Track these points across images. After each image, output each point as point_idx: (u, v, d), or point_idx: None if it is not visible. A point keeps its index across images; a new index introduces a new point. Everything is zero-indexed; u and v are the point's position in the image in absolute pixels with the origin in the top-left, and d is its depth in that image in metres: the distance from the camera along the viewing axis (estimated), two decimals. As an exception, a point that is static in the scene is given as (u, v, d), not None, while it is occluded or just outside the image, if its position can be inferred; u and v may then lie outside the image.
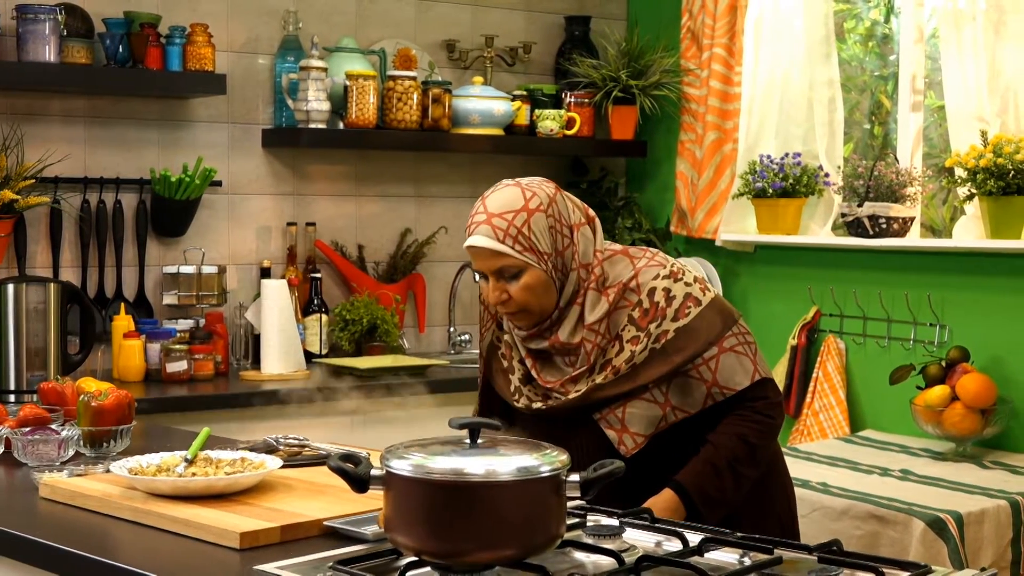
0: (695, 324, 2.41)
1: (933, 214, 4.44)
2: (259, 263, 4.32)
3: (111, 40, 3.92)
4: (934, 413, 3.73)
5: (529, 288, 2.39)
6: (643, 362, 2.39)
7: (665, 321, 2.40)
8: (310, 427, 3.54)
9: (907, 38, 4.33)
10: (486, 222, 2.38)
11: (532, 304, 2.40)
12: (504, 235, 2.36)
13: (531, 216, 2.38)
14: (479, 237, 2.38)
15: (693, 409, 2.39)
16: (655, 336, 2.39)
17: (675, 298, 2.42)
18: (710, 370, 2.39)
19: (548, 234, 2.39)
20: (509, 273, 2.38)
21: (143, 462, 2.28)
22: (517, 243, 2.36)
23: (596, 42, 4.89)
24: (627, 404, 2.39)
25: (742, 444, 2.40)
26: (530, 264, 2.38)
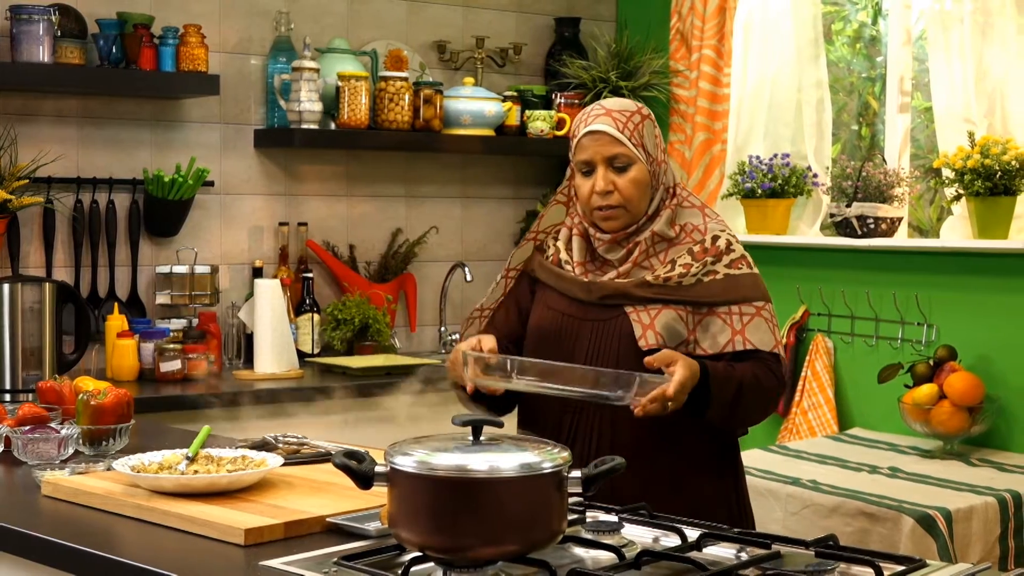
0: (743, 279, 2.52)
1: (920, 214, 4.49)
2: (251, 263, 4.34)
3: (104, 41, 3.93)
4: (922, 411, 3.77)
5: (635, 183, 2.50)
6: (687, 287, 2.48)
7: (719, 264, 2.50)
8: (303, 426, 3.55)
9: (895, 40, 4.37)
10: (606, 115, 2.52)
11: (633, 200, 2.51)
12: (623, 126, 2.51)
13: (644, 119, 2.55)
14: (600, 124, 2.51)
15: (712, 350, 2.47)
16: (706, 271, 2.49)
17: (734, 251, 2.53)
18: (741, 322, 2.49)
19: (654, 141, 2.56)
20: (621, 163, 2.50)
21: (145, 460, 2.30)
22: (633, 136, 2.51)
23: (586, 43, 4.92)
24: (662, 310, 2.47)
25: (754, 378, 2.46)
26: (639, 159, 2.51)
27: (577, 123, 2.58)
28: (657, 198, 2.55)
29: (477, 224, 4.84)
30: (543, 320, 2.59)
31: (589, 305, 2.53)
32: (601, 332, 2.50)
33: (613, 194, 2.50)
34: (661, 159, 2.56)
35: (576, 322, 2.53)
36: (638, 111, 2.55)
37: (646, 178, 2.52)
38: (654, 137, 2.56)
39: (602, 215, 2.53)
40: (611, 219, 2.53)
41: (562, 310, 2.56)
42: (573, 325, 2.53)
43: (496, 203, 4.88)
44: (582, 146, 2.54)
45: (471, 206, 4.83)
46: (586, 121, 2.54)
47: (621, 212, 2.52)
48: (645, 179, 2.52)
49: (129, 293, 4.13)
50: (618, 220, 2.53)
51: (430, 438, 1.86)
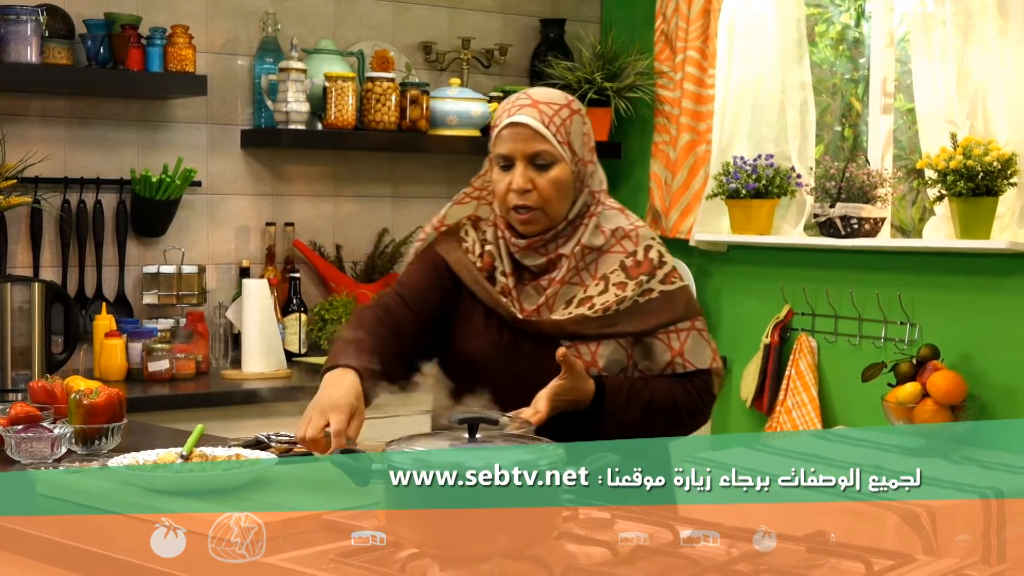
0: (677, 295, 2.45)
1: (903, 215, 4.53)
2: (238, 263, 4.35)
3: (92, 41, 3.94)
4: (905, 410, 3.80)
5: (556, 183, 2.37)
6: (625, 311, 2.41)
7: (654, 280, 2.43)
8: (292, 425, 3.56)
9: (878, 42, 4.40)
10: (532, 106, 2.37)
11: (552, 202, 2.38)
12: (549, 121, 2.36)
13: (573, 115, 2.40)
14: (523, 116, 2.36)
15: (652, 371, 2.43)
16: (643, 290, 2.42)
17: (666, 264, 2.46)
18: (679, 341, 2.43)
19: (581, 139, 2.41)
20: (542, 161, 2.36)
21: (140, 458, 2.31)
22: (559, 133, 2.37)
23: (571, 44, 4.94)
24: (601, 343, 2.40)
25: (669, 397, 2.41)
26: (563, 158, 2.37)
27: (500, 112, 2.41)
28: (580, 202, 2.42)
29: (463, 224, 4.86)
30: (474, 347, 2.45)
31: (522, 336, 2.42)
32: (539, 367, 2.36)
33: (531, 193, 2.36)
34: (589, 159, 2.43)
35: (509, 354, 2.42)
36: (568, 104, 2.40)
37: (569, 179, 2.38)
38: (583, 135, 2.41)
39: (519, 217, 2.39)
40: (528, 223, 2.39)
41: (493, 339, 2.43)
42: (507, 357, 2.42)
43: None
44: (502, 138, 2.38)
45: (457, 206, 4.85)
46: (509, 111, 2.38)
47: (539, 216, 2.38)
48: (568, 180, 2.38)
49: (116, 293, 4.13)
50: (536, 224, 2.39)
51: (426, 435, 1.88)
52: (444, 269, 2.49)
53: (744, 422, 4.55)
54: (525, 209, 2.38)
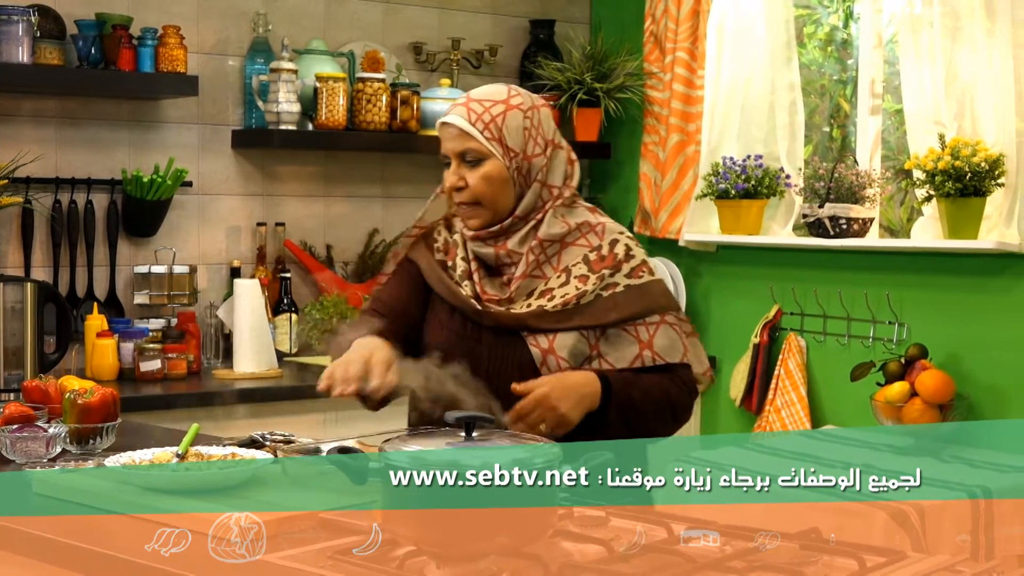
0: (645, 288, 2.45)
1: (891, 215, 4.55)
2: (229, 263, 4.36)
3: (83, 41, 3.94)
4: (894, 409, 3.83)
5: (487, 179, 2.41)
6: (587, 304, 2.42)
7: (619, 274, 2.43)
8: (284, 424, 3.59)
9: (866, 43, 4.43)
10: (463, 104, 2.43)
11: (487, 197, 2.42)
12: (477, 119, 2.40)
13: (508, 111, 2.42)
14: (452, 116, 2.42)
15: (619, 364, 2.42)
16: (605, 284, 2.43)
17: (634, 257, 2.46)
18: (648, 333, 2.43)
19: (521, 134, 2.42)
20: (471, 157, 2.40)
21: (136, 458, 2.32)
22: (488, 130, 2.40)
23: (560, 45, 4.96)
24: (559, 334, 2.41)
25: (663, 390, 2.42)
26: (493, 154, 2.40)
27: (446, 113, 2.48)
28: (530, 195, 2.43)
29: (453, 224, 4.87)
30: (438, 339, 2.48)
31: (484, 328, 2.45)
32: (499, 358, 2.42)
33: (465, 190, 2.41)
34: (534, 153, 2.43)
35: (472, 345, 2.44)
36: (505, 101, 2.42)
37: (503, 173, 2.40)
38: (522, 130, 2.41)
39: (461, 212, 2.46)
40: (471, 216, 2.44)
41: (456, 331, 2.46)
42: (469, 348, 2.43)
43: (472, 203, 4.90)
44: (440, 138, 2.46)
45: (447, 206, 4.86)
46: (447, 111, 2.45)
47: (479, 209, 2.43)
48: (501, 174, 2.40)
49: (107, 293, 4.14)
50: (476, 217, 2.44)
51: (423, 434, 1.90)
52: (417, 274, 2.55)
53: (733, 421, 4.57)
54: (463, 205, 2.44)
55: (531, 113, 2.44)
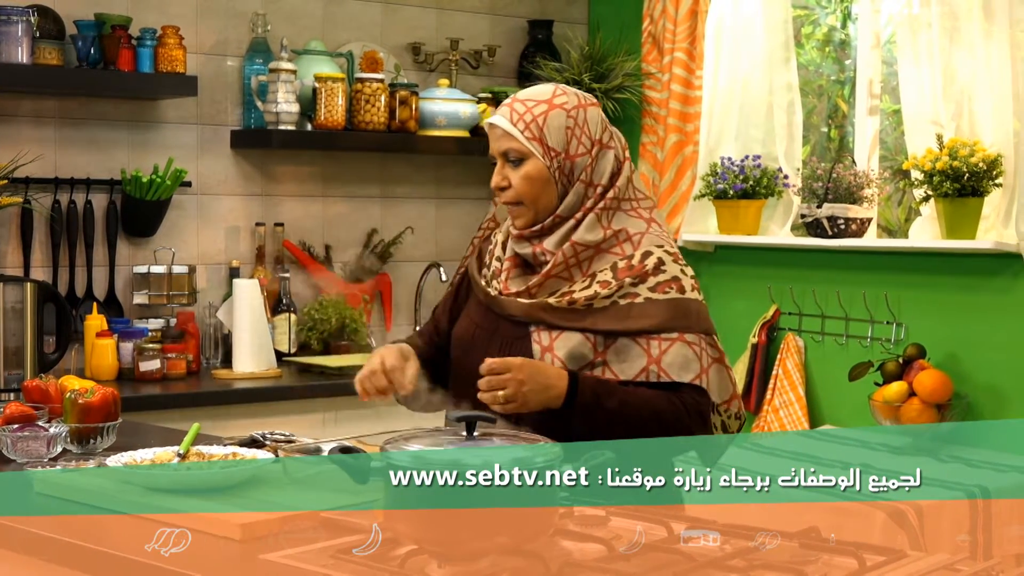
0: (667, 305, 2.39)
1: (888, 215, 4.56)
2: (228, 263, 4.37)
3: (83, 42, 3.95)
4: (892, 409, 3.84)
5: (528, 179, 2.42)
6: (600, 309, 2.39)
7: (642, 286, 2.39)
8: (283, 424, 3.60)
9: (864, 44, 4.43)
10: (508, 104, 2.45)
11: (528, 196, 2.43)
12: (518, 119, 2.42)
13: (551, 110, 2.42)
14: (496, 116, 2.45)
15: (623, 376, 2.36)
16: (624, 292, 2.39)
17: (664, 272, 2.40)
18: (659, 349, 2.37)
19: (563, 133, 2.42)
20: (514, 157, 2.42)
21: (137, 457, 2.33)
22: (528, 129, 2.41)
23: (559, 46, 4.97)
24: (563, 333, 2.39)
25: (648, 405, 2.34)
26: (534, 154, 2.41)
27: None
28: (572, 195, 2.43)
29: (451, 225, 4.88)
30: (460, 330, 2.54)
31: (501, 319, 2.46)
32: (506, 351, 2.41)
33: (507, 190, 2.44)
34: (577, 152, 2.42)
35: (486, 336, 2.47)
36: (548, 100, 2.43)
37: (543, 173, 2.41)
38: (564, 129, 2.41)
39: (509, 211, 2.48)
40: (515, 216, 2.47)
41: (477, 322, 2.50)
42: (483, 340, 2.47)
43: (471, 204, 4.91)
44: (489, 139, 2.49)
45: (446, 207, 4.87)
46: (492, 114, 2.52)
47: (522, 209, 2.44)
48: (542, 174, 2.41)
49: (107, 293, 4.14)
50: (520, 217, 2.46)
51: (424, 433, 1.90)
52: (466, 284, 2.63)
53: (731, 421, 4.58)
54: (507, 204, 2.47)
55: (575, 112, 2.43)
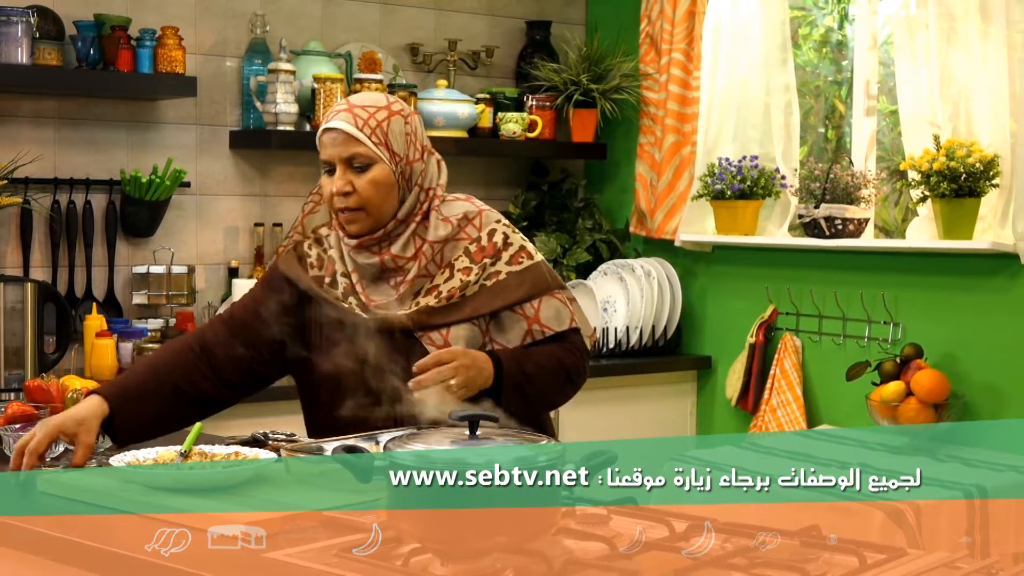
0: (527, 272, 2.51)
1: (886, 216, 4.57)
2: (227, 263, 4.38)
3: (82, 42, 3.95)
4: (889, 408, 3.85)
5: (376, 184, 2.42)
6: (472, 295, 2.47)
7: (499, 263, 2.49)
8: (283, 424, 3.58)
9: (861, 44, 4.45)
10: (347, 110, 2.44)
11: (374, 203, 2.43)
12: (363, 124, 2.42)
13: (391, 116, 2.45)
14: (338, 121, 2.43)
15: (510, 344, 2.48)
16: (488, 274, 2.48)
17: (512, 244, 2.51)
18: (533, 309, 2.49)
19: (403, 139, 2.46)
20: (359, 163, 2.42)
21: (140, 456, 2.33)
22: (375, 135, 2.42)
23: (557, 46, 4.98)
24: (451, 328, 2.46)
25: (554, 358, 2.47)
26: (382, 159, 2.43)
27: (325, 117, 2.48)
28: (410, 201, 2.47)
29: (450, 225, 4.88)
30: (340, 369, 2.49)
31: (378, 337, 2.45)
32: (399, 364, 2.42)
33: (352, 196, 2.42)
34: (415, 158, 2.47)
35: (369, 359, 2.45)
36: (387, 107, 2.45)
37: (389, 179, 2.43)
38: (404, 135, 2.45)
39: (344, 217, 2.45)
40: (352, 222, 2.45)
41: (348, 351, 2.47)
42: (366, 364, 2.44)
43: (468, 204, 4.92)
44: (322, 144, 2.45)
45: (444, 207, 4.88)
46: (327, 117, 2.45)
47: (362, 215, 2.43)
48: (388, 180, 2.43)
49: (106, 293, 4.15)
50: (359, 223, 2.45)
51: (427, 432, 1.91)
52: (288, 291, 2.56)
53: (729, 421, 4.60)
54: (348, 210, 2.44)
55: (410, 119, 2.49)
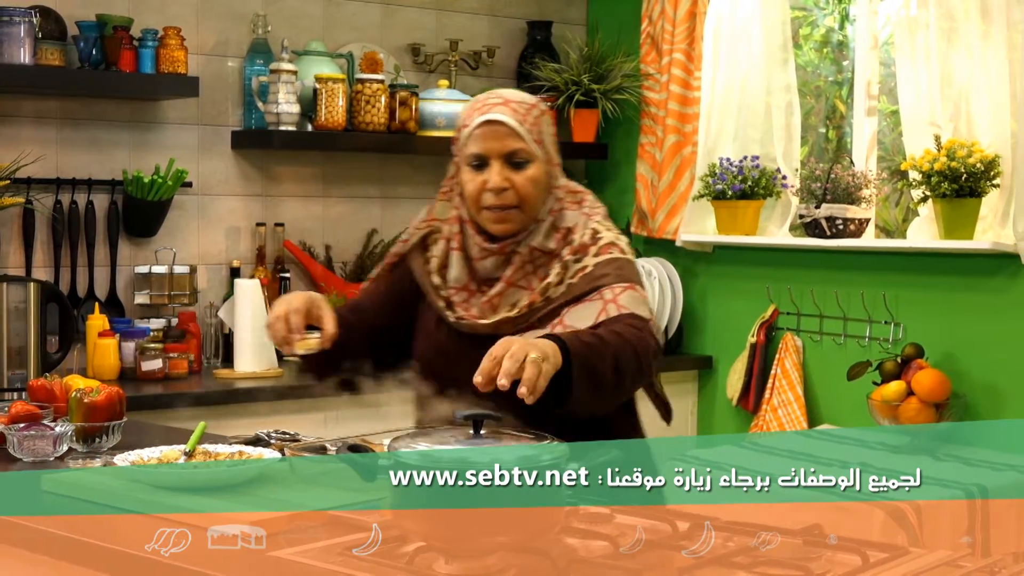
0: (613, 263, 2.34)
1: (886, 215, 4.58)
2: (229, 263, 4.38)
3: (84, 43, 3.96)
4: (890, 408, 3.86)
5: (534, 182, 2.32)
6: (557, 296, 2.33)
7: (586, 258, 2.34)
8: (285, 423, 3.62)
9: (862, 45, 4.46)
10: (504, 104, 2.32)
11: (530, 201, 2.32)
12: (524, 118, 2.32)
13: (543, 115, 2.37)
14: (498, 114, 2.30)
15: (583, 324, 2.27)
16: (573, 272, 2.33)
17: (601, 240, 2.36)
18: (613, 293, 2.30)
19: (552, 139, 2.37)
20: (519, 159, 2.31)
21: (144, 455, 2.34)
22: (533, 131, 2.33)
23: (558, 47, 4.98)
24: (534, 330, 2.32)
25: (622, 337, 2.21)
26: (539, 157, 2.33)
27: (469, 111, 2.35)
28: (550, 200, 2.37)
29: (451, 225, 4.89)
30: (424, 352, 2.46)
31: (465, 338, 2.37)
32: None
33: (508, 192, 2.30)
34: (556, 160, 2.39)
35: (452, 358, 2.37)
36: (537, 104, 2.36)
37: (544, 178, 2.34)
38: (552, 135, 2.37)
39: (493, 216, 2.32)
40: (504, 221, 2.33)
41: (438, 345, 2.42)
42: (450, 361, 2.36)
43: (470, 204, 4.93)
44: (475, 137, 2.31)
45: (445, 207, 4.88)
46: (481, 110, 2.31)
47: (516, 214, 2.32)
48: (543, 179, 2.34)
49: (108, 293, 4.15)
50: (511, 222, 2.33)
51: (431, 431, 1.92)
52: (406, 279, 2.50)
53: (730, 421, 4.60)
54: (502, 208, 2.32)
55: (552, 120, 2.41)
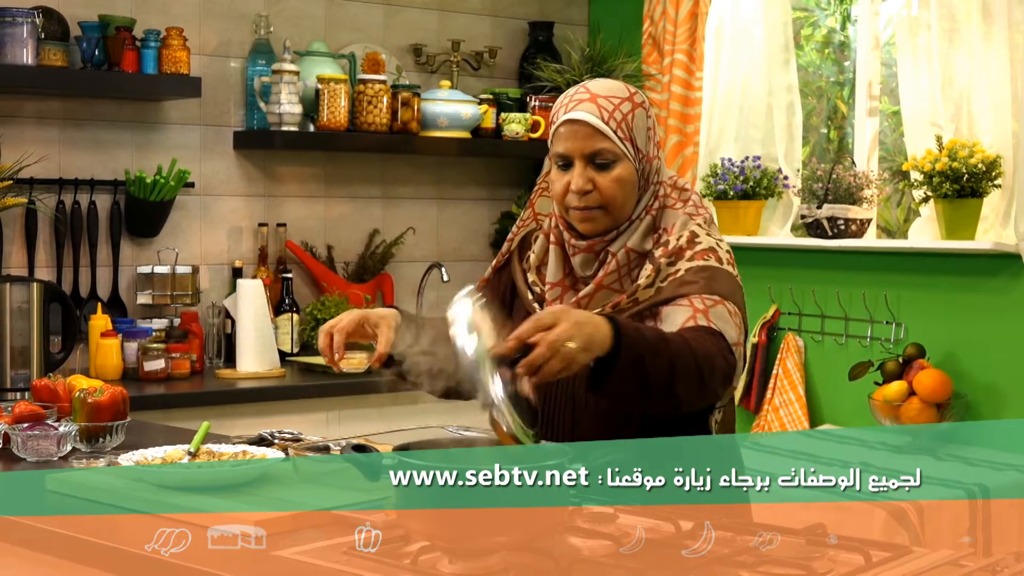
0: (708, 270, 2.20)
1: (888, 216, 4.58)
2: (231, 263, 4.39)
3: (87, 43, 3.97)
4: (892, 408, 3.86)
5: (620, 182, 2.22)
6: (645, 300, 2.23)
7: (680, 262, 2.22)
8: (287, 423, 3.63)
9: (863, 45, 4.46)
10: (590, 100, 2.21)
11: (616, 202, 2.23)
12: (609, 117, 2.20)
13: (635, 108, 2.23)
14: (582, 112, 2.20)
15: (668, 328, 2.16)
16: (664, 276, 2.22)
17: (699, 244, 2.23)
18: (703, 304, 2.17)
19: (645, 134, 2.24)
20: (603, 159, 2.21)
21: (148, 455, 2.35)
22: (620, 129, 2.21)
23: (559, 47, 4.99)
24: None
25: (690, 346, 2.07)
26: (626, 156, 2.22)
27: (557, 108, 2.25)
28: (645, 200, 2.26)
29: (453, 225, 4.90)
30: None
31: None
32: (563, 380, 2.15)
33: (592, 194, 2.21)
34: (653, 155, 2.26)
35: None
36: (630, 98, 2.23)
37: (633, 177, 2.22)
38: (646, 129, 2.24)
39: (579, 216, 2.24)
40: (588, 220, 2.24)
41: None
42: None
43: (472, 204, 4.94)
44: (559, 136, 2.23)
45: (447, 207, 4.90)
46: (566, 107, 2.22)
47: (599, 214, 2.23)
48: (632, 178, 2.22)
49: (110, 293, 4.16)
50: (597, 222, 2.24)
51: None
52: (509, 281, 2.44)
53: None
54: (586, 209, 2.24)
55: (650, 112, 2.28)
